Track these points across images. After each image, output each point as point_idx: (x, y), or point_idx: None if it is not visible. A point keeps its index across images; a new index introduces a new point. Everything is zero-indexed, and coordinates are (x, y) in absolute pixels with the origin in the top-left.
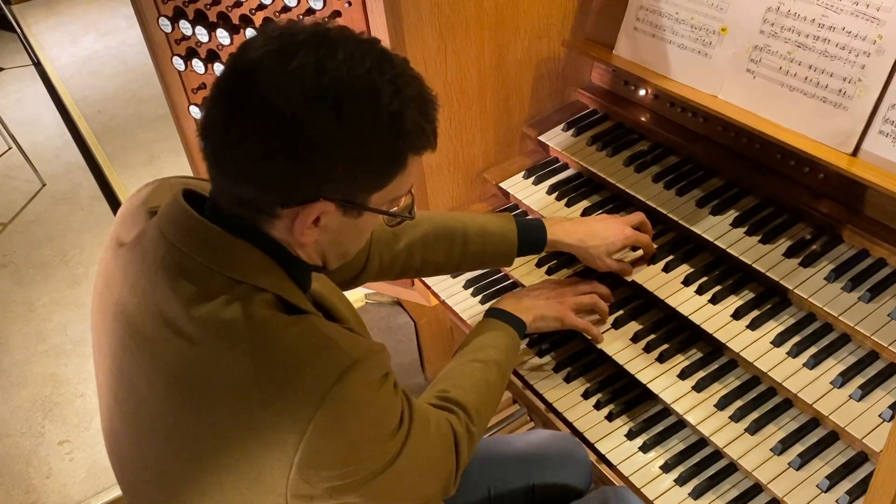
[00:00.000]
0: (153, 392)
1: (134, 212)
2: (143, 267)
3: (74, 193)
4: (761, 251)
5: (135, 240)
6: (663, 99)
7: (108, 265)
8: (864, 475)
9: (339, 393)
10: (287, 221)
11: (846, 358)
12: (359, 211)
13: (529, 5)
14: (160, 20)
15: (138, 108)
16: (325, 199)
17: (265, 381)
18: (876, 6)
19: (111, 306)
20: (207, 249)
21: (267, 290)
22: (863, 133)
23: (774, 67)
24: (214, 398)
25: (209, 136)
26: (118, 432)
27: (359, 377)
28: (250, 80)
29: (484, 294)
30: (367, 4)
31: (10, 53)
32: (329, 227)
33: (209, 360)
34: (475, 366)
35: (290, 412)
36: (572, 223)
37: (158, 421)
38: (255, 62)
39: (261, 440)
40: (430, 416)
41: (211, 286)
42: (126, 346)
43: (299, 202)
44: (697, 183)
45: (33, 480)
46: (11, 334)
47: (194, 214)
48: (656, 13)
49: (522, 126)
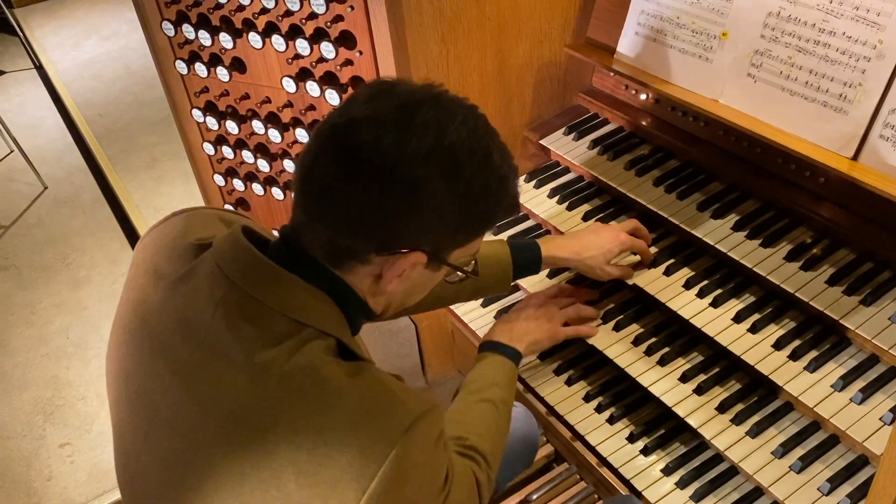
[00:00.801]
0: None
1: (174, 244)
2: (194, 302)
3: (76, 196)
4: (762, 255)
5: (185, 275)
6: (664, 103)
7: (144, 294)
8: (864, 478)
9: (403, 450)
10: (376, 269)
11: (847, 361)
12: (440, 265)
13: (531, 10)
14: (163, 24)
15: (140, 112)
16: (420, 251)
17: (330, 436)
18: (876, 11)
19: (145, 340)
20: (273, 290)
21: (331, 336)
22: (863, 137)
23: (775, 72)
24: (275, 444)
25: (313, 181)
26: (142, 472)
27: (422, 435)
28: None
29: (486, 297)
30: (370, 9)
31: (12, 57)
32: (410, 279)
33: (272, 405)
34: (485, 407)
35: (354, 467)
36: (565, 238)
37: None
38: (374, 115)
39: (320, 494)
40: (459, 467)
41: (274, 328)
42: (167, 384)
43: (394, 251)
44: (698, 187)
45: (34, 483)
46: (13, 337)
47: (258, 254)
48: (658, 18)
49: (524, 130)
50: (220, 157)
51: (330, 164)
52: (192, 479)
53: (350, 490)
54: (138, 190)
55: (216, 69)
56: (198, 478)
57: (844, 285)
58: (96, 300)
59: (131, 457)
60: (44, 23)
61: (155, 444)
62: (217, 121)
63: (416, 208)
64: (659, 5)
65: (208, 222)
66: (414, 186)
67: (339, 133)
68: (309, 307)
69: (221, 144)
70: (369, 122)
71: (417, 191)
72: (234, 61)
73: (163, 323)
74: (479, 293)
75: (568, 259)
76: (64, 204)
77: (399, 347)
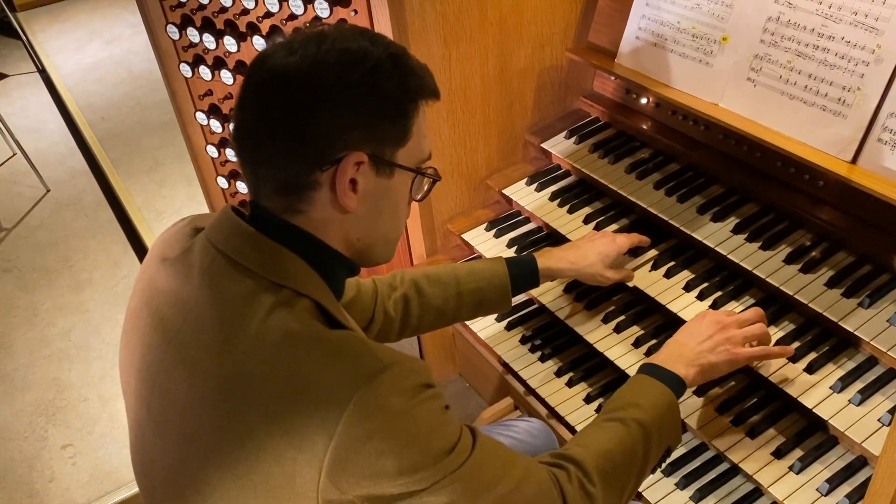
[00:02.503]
0: (191, 399)
1: (178, 232)
2: (188, 275)
3: (78, 199)
4: (762, 257)
5: (182, 254)
6: (665, 107)
7: (150, 278)
8: (863, 479)
9: (368, 395)
10: (327, 191)
11: (846, 363)
12: (389, 169)
13: (533, 15)
14: (168, 27)
15: (142, 115)
16: (356, 150)
17: (299, 383)
18: (875, 16)
19: (148, 318)
20: (253, 253)
21: (307, 297)
22: (862, 141)
23: (775, 76)
24: (251, 402)
25: (240, 133)
26: (149, 444)
27: (389, 381)
28: (262, 67)
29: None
30: (373, 13)
31: (15, 61)
32: (367, 191)
33: (247, 365)
34: (609, 425)
35: (320, 412)
36: (561, 250)
37: (196, 429)
38: (270, 60)
39: (292, 442)
40: (517, 462)
41: (254, 290)
42: (162, 353)
43: (333, 160)
44: (698, 190)
45: (36, 484)
46: (15, 339)
47: (240, 222)
48: (658, 23)
49: (525, 133)
50: (224, 160)
51: (242, 109)
52: (185, 443)
53: (318, 436)
54: (141, 193)
55: (220, 72)
56: (188, 440)
57: (843, 287)
58: (98, 302)
59: (139, 430)
60: (47, 26)
61: (156, 413)
62: (221, 123)
63: (327, 109)
64: (660, 10)
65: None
66: (315, 88)
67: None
68: (286, 269)
69: (225, 147)
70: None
71: (320, 90)
72: (238, 64)
73: (161, 298)
74: (480, 310)
75: (566, 269)
76: (66, 207)
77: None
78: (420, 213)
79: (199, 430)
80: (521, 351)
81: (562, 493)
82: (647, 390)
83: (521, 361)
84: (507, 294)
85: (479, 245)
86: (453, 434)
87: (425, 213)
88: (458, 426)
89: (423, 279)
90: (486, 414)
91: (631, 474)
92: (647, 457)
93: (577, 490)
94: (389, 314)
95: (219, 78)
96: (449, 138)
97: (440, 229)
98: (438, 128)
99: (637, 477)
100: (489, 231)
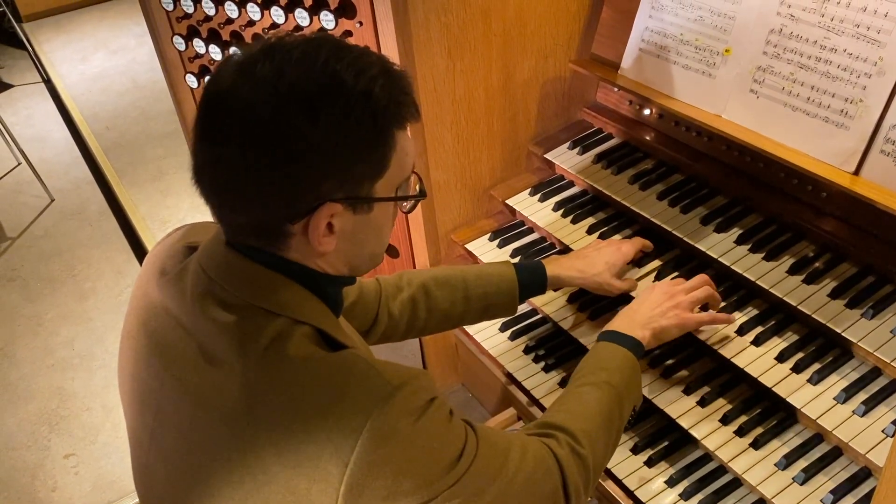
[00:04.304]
0: (197, 431)
1: (172, 247)
2: (182, 300)
3: (83, 209)
4: (765, 268)
5: (178, 274)
6: (668, 118)
7: (146, 294)
8: (867, 490)
9: (380, 421)
10: (301, 238)
11: (849, 374)
12: (368, 205)
13: (537, 26)
14: (174, 38)
15: (147, 125)
16: (330, 201)
17: (308, 413)
18: (877, 28)
19: (145, 339)
20: (245, 284)
21: (305, 323)
22: (864, 152)
23: (777, 88)
24: (259, 435)
25: (202, 176)
26: (152, 470)
27: (400, 404)
28: (221, 107)
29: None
30: (378, 24)
31: (20, 71)
32: (345, 231)
33: (252, 398)
34: (583, 389)
35: (332, 442)
36: (568, 258)
37: (203, 460)
38: (223, 89)
39: (305, 473)
40: (512, 443)
41: (250, 321)
42: (161, 381)
43: (305, 212)
44: (702, 201)
45: (39, 494)
46: (19, 348)
47: (230, 251)
48: (661, 34)
49: (529, 144)
50: None
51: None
52: (192, 473)
53: (332, 465)
54: (145, 202)
55: None
56: (197, 471)
57: (846, 298)
58: (102, 312)
59: (142, 455)
60: (52, 37)
61: (160, 441)
62: None
63: (289, 159)
64: (662, 22)
65: (207, 230)
66: (275, 139)
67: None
68: (281, 297)
69: None
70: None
71: (281, 141)
72: None
73: (158, 321)
74: (487, 314)
75: (574, 278)
76: (71, 216)
77: (402, 359)
78: (423, 223)
79: (207, 461)
80: (525, 361)
81: (557, 461)
82: (612, 355)
83: (524, 372)
84: (515, 300)
85: (483, 255)
86: (460, 439)
87: (429, 223)
88: (462, 429)
89: (432, 282)
90: (489, 425)
91: (611, 432)
92: (621, 416)
93: (569, 454)
94: (394, 315)
95: None
96: (452, 148)
97: (444, 239)
98: (442, 137)
99: (616, 434)
100: (493, 241)
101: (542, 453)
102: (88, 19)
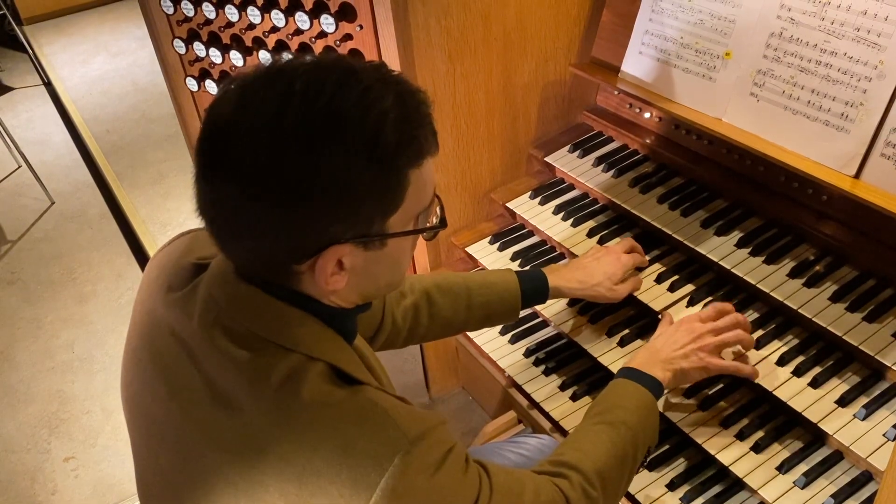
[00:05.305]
0: (207, 468)
1: (178, 263)
2: (189, 327)
3: (83, 212)
4: (765, 272)
5: (185, 295)
6: (668, 121)
7: (152, 310)
8: (868, 494)
9: (395, 478)
10: (309, 276)
11: (850, 377)
12: (381, 241)
13: (537, 30)
14: (175, 42)
15: (147, 128)
16: (337, 243)
17: (319, 465)
18: (877, 32)
19: (149, 362)
20: (255, 316)
21: (320, 360)
22: (865, 156)
23: (778, 91)
24: (269, 483)
25: (203, 213)
26: (155, 490)
27: (417, 460)
28: (220, 141)
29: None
30: (379, 28)
31: (21, 73)
32: (356, 267)
33: (261, 441)
34: (599, 428)
35: (344, 497)
36: (568, 268)
37: (207, 494)
38: (223, 121)
39: None
40: (525, 485)
41: (261, 357)
42: (167, 409)
43: (311, 253)
44: (702, 204)
45: (38, 497)
46: (19, 351)
47: (241, 281)
48: (662, 38)
49: (529, 147)
50: None
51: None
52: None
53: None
54: (145, 206)
55: None
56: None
57: (847, 302)
58: (102, 315)
59: (145, 474)
60: (53, 40)
61: (164, 464)
62: None
63: (293, 201)
64: (663, 25)
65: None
66: (276, 180)
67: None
68: (294, 332)
69: None
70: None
71: (283, 183)
72: None
73: (164, 343)
74: (488, 322)
75: (574, 290)
76: (71, 219)
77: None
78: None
79: (213, 497)
80: (526, 364)
81: (565, 499)
82: (631, 393)
83: (525, 375)
84: (517, 309)
85: (483, 258)
86: (475, 488)
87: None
88: (476, 476)
89: (435, 289)
90: (489, 428)
91: (624, 474)
92: (635, 457)
93: (581, 497)
94: (397, 322)
95: None
96: (453, 152)
97: (444, 242)
98: (442, 141)
99: (629, 476)
100: (493, 244)
101: (555, 496)
102: (89, 22)
